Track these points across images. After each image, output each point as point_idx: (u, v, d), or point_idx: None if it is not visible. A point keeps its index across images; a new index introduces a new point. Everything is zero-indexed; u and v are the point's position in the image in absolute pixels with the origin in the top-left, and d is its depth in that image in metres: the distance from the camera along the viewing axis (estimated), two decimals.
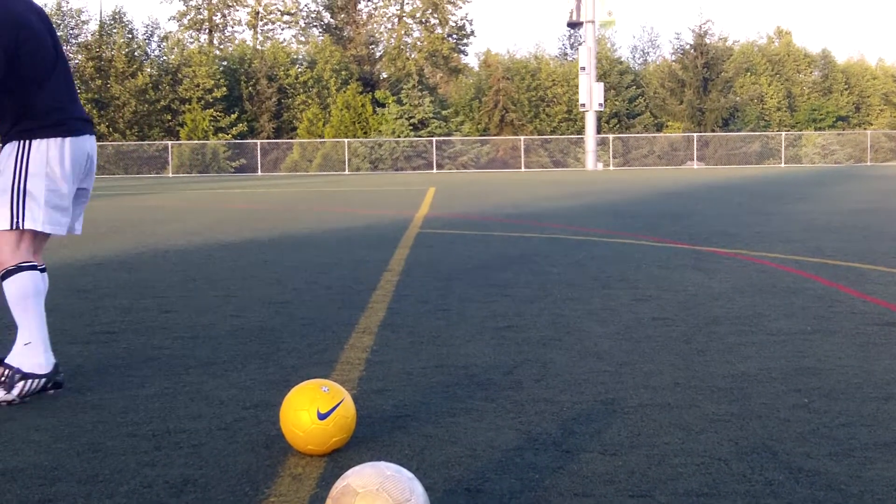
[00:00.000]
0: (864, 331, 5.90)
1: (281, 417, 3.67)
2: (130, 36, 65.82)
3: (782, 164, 61.12)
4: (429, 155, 62.13)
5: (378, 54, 77.06)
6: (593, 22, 62.05)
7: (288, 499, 3.20)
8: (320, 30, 78.03)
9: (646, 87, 72.57)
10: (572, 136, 65.64)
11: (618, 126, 69.85)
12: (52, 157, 4.53)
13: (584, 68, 60.39)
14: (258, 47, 72.21)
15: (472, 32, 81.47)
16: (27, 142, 4.50)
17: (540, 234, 12.96)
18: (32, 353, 4.53)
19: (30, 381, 4.49)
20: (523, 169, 61.10)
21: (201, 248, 11.77)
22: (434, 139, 62.21)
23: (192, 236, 13.37)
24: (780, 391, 4.47)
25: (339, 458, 3.58)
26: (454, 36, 77.58)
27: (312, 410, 3.57)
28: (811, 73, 78.39)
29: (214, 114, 63.27)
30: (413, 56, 74.88)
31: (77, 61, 64.39)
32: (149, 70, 64.54)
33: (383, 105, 65.67)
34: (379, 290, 7.86)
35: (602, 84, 62.29)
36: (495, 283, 8.27)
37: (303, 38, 76.83)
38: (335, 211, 19.30)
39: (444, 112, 66.42)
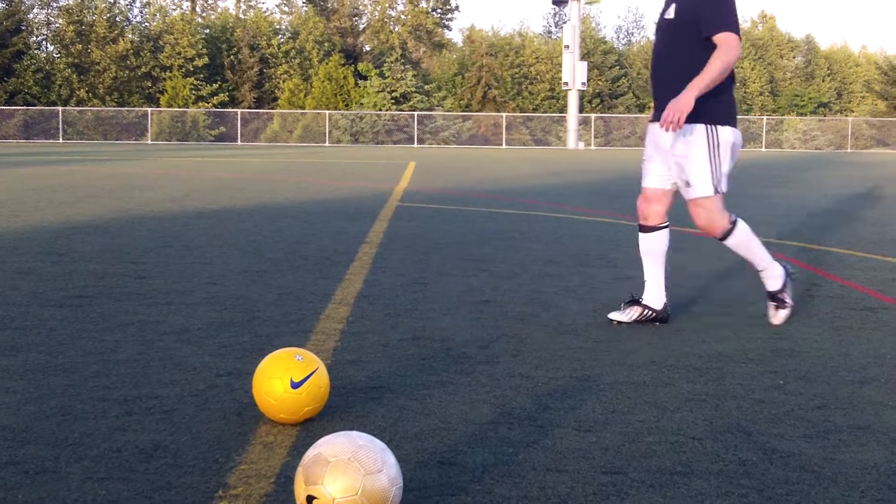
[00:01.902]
0: (841, 315, 5.90)
1: (254, 385, 3.64)
2: (112, 1, 65.26)
3: (763, 149, 61.26)
4: (410, 129, 61.97)
5: (361, 27, 76.72)
6: (578, 0, 61.89)
7: (259, 467, 3.17)
8: (304, 0, 77.59)
9: (629, 68, 72.53)
10: (554, 115, 65.56)
11: (600, 106, 69.84)
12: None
13: (567, 47, 60.24)
14: (241, 16, 71.73)
15: (457, 7, 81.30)
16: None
17: (520, 211, 12.94)
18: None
19: None
20: (504, 146, 61.03)
21: (179, 215, 11.69)
22: (416, 114, 62.05)
23: (169, 203, 13.29)
24: (756, 372, 4.47)
25: (312, 428, 3.56)
26: (438, 10, 77.28)
27: (286, 379, 3.53)
28: (794, 58, 78.53)
29: (195, 82, 62.88)
30: (397, 29, 74.59)
31: (58, 25, 63.87)
32: (130, 36, 64.04)
33: (365, 78, 65.42)
34: (357, 262, 7.82)
35: (585, 63, 62.15)
36: (474, 258, 8.25)
37: (286, 9, 76.36)
38: (314, 182, 19.21)
39: (426, 87, 66.25)
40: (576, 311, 5.91)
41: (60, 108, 59.15)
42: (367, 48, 74.00)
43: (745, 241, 5.51)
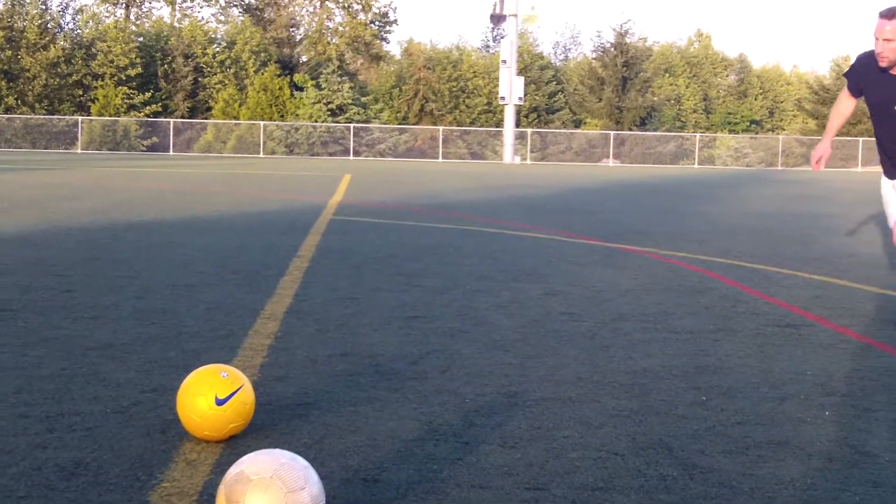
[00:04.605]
0: (765, 331, 6.00)
1: (178, 402, 3.61)
2: (44, 7, 64.32)
3: (696, 165, 61.96)
4: (346, 141, 61.79)
5: (298, 37, 76.42)
6: (516, 16, 62.22)
7: (181, 484, 3.15)
8: (240, 10, 77.15)
9: (566, 84, 73.00)
10: (491, 129, 65.78)
11: (537, 121, 70.18)
12: None
13: (505, 61, 60.48)
14: (176, 24, 71.12)
15: (396, 20, 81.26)
16: None
17: (454, 226, 12.97)
18: None
19: None
20: (441, 159, 61.11)
21: (107, 227, 11.56)
22: (352, 126, 61.90)
23: (98, 215, 13.13)
24: (680, 388, 4.52)
25: (236, 445, 3.54)
26: (377, 23, 77.24)
27: (210, 396, 3.52)
28: (728, 76, 79.57)
29: (128, 91, 62.17)
30: (334, 41, 74.38)
31: None
32: (62, 43, 63.14)
33: (301, 89, 65.12)
34: (287, 276, 7.79)
35: (522, 78, 62.43)
36: (406, 272, 8.26)
37: (222, 18, 75.87)
38: (247, 194, 19.10)
39: (363, 99, 66.10)
40: (506, 327, 5.94)
41: None
42: (304, 59, 73.70)
43: None
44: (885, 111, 6.15)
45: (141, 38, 67.12)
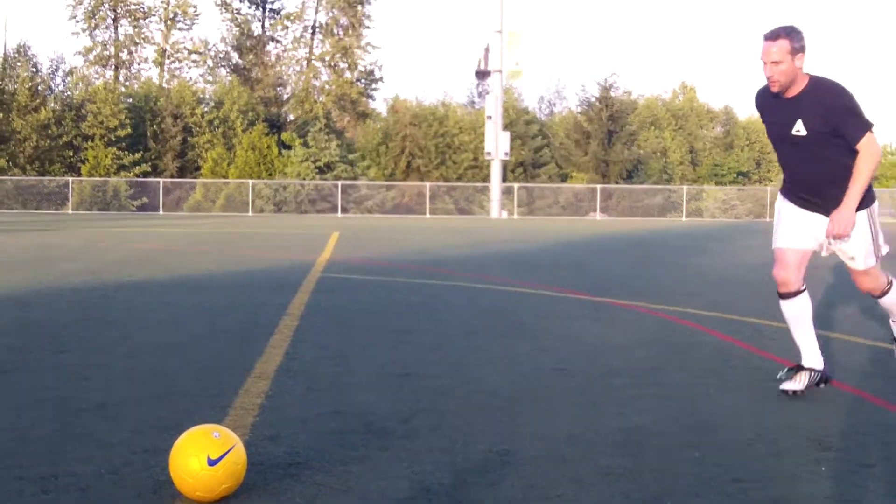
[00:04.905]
0: (758, 386, 6.00)
1: (170, 462, 3.60)
2: (35, 70, 64.63)
3: (684, 218, 62.22)
4: (334, 198, 61.91)
5: (286, 96, 76.86)
6: (501, 71, 62.71)
7: None
8: (228, 70, 77.63)
9: (552, 138, 73.40)
10: (478, 184, 66.00)
11: (523, 175, 70.46)
12: None
13: (490, 117, 60.87)
14: (164, 85, 71.48)
15: (381, 78, 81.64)
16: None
17: (443, 282, 12.99)
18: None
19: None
20: (428, 215, 61.26)
21: (98, 287, 11.55)
22: (340, 183, 62.05)
23: (89, 275, 13.12)
24: (674, 445, 4.52)
25: None
26: (363, 81, 77.75)
27: (202, 456, 3.51)
28: (714, 128, 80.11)
29: (117, 152, 62.33)
30: (321, 99, 74.81)
31: None
32: (52, 105, 63.39)
33: (289, 147, 65.34)
34: (277, 335, 7.78)
35: (508, 133, 62.79)
36: (396, 329, 8.26)
37: (210, 78, 76.31)
38: (236, 253, 19.11)
39: (350, 156, 66.32)
40: (497, 384, 5.94)
41: None
42: (292, 117, 74.05)
43: (889, 301, 6.09)
44: (788, 138, 5.77)
45: (130, 99, 67.42)
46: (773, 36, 5.55)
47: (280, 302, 10.07)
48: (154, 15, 75.90)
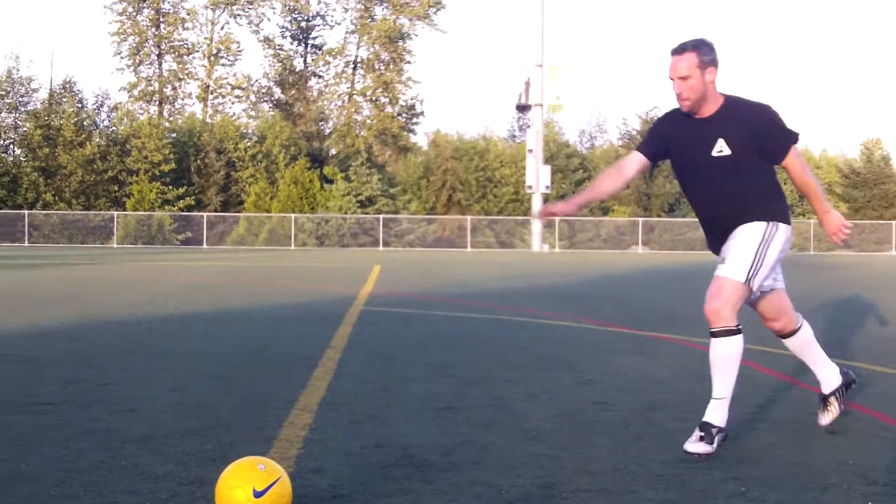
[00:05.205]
0: (803, 420, 5.96)
1: (216, 495, 3.64)
2: (80, 105, 65.60)
3: None
4: (375, 232, 62.18)
5: (327, 131, 77.43)
6: (541, 105, 62.86)
7: None
8: (270, 105, 78.35)
9: (593, 171, 73.36)
10: (519, 218, 66.07)
11: None
12: None
13: (531, 150, 61.03)
14: (208, 120, 72.24)
15: (422, 112, 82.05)
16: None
17: (484, 315, 13.00)
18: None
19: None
20: (469, 248, 61.34)
21: (143, 320, 11.67)
22: (381, 216, 62.34)
23: (134, 308, 13.25)
24: (718, 479, 4.50)
25: None
26: (404, 115, 78.21)
27: (248, 488, 3.54)
28: None
29: (161, 187, 63.01)
30: (362, 133, 75.31)
31: (25, 129, 64.05)
32: (97, 140, 64.26)
33: (331, 181, 65.79)
34: (320, 368, 7.82)
35: (549, 167, 62.90)
36: (437, 362, 8.27)
37: (253, 113, 77.04)
38: (279, 286, 19.23)
39: (391, 190, 66.66)
40: (538, 417, 5.94)
41: (26, 212, 59.03)
42: (333, 152, 74.57)
43: (734, 355, 5.51)
44: (704, 162, 5.23)
45: (174, 134, 68.24)
46: (679, 50, 5.10)
47: (323, 335, 10.13)
48: (197, 51, 76.96)
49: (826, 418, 5.60)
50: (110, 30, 75.03)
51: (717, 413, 5.20)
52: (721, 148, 5.16)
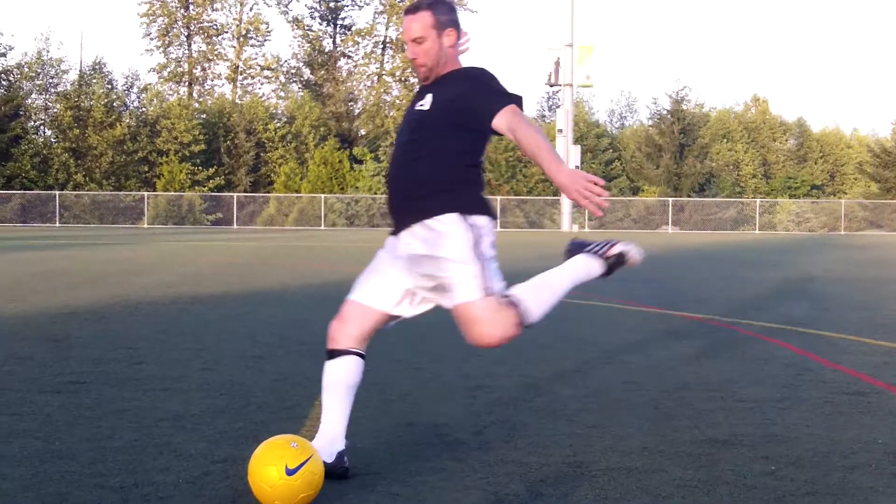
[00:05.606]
0: (832, 399, 5.94)
1: (249, 472, 3.67)
2: (110, 86, 65.93)
3: (756, 231, 61.55)
4: None
5: (357, 111, 77.47)
6: (571, 85, 62.66)
7: None
8: (300, 85, 78.43)
9: (622, 151, 73.15)
10: (549, 198, 65.94)
11: None
12: None
13: (561, 130, 60.87)
14: (237, 101, 72.42)
15: None
16: None
17: None
18: None
19: None
20: (499, 229, 61.27)
21: (175, 300, 11.74)
22: None
23: (165, 288, 13.34)
24: (748, 458, 4.50)
25: None
26: None
27: (281, 466, 3.57)
28: (786, 141, 79.21)
29: (191, 167, 63.28)
30: (392, 114, 75.28)
31: (56, 110, 64.43)
32: (127, 121, 64.56)
33: (361, 162, 65.87)
34: None
35: (579, 147, 62.75)
36: (467, 342, 8.27)
37: (282, 94, 77.16)
38: (310, 266, 19.30)
39: None
40: (568, 396, 5.95)
41: (57, 193, 59.41)
42: (363, 132, 74.63)
43: (541, 300, 4.91)
44: (406, 121, 4.48)
45: (204, 115, 68.49)
46: (413, 9, 4.30)
47: None
48: (227, 32, 77.02)
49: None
50: (139, 11, 75.28)
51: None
52: (423, 103, 4.35)
